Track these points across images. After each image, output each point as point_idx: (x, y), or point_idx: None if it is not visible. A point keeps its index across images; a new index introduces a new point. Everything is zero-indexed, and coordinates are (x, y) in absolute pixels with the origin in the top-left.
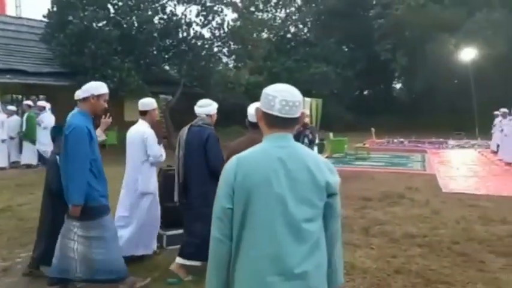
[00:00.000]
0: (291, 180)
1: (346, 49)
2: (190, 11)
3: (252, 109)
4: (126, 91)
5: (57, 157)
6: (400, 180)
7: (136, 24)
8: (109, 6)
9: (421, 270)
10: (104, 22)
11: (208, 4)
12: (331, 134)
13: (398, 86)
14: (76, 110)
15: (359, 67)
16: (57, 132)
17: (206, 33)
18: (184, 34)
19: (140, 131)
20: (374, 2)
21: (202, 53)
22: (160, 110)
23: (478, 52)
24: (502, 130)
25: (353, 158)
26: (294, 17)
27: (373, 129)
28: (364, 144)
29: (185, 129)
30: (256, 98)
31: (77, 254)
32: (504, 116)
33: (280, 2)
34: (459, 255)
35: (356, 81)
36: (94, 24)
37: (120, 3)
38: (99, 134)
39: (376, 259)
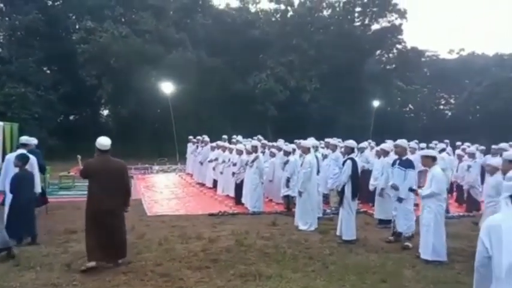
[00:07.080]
0: None
1: (48, 71)
2: None
3: (102, 140)
4: None
5: None
6: None
7: None
8: None
9: None
10: None
11: None
12: None
13: (105, 112)
14: None
15: (63, 90)
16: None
17: None
18: None
19: None
20: (77, 26)
21: None
22: None
23: (175, 85)
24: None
25: (56, 187)
26: None
27: (79, 157)
28: (69, 172)
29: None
30: None
31: None
32: (198, 143)
33: None
34: (161, 276)
35: (60, 105)
36: None
37: None
38: None
39: None
